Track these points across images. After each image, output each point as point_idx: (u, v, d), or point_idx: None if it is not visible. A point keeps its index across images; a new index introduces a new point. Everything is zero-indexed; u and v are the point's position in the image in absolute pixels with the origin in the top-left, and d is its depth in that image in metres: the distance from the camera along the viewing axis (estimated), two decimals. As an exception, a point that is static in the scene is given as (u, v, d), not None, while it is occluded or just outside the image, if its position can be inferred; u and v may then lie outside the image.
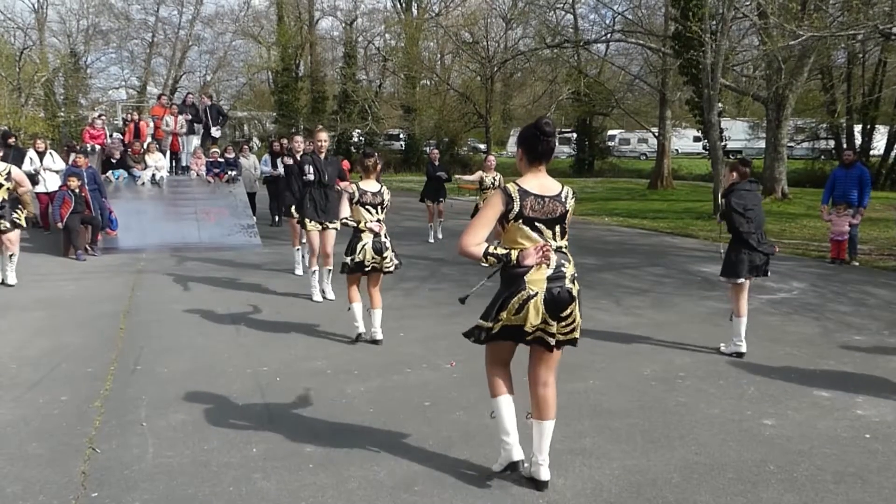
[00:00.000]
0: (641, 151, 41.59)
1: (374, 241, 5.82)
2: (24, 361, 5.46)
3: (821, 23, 13.71)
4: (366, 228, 5.78)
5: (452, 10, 36.38)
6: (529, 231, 3.29)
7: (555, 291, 3.28)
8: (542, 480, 3.42)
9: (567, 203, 3.37)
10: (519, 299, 3.27)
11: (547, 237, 3.32)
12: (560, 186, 3.40)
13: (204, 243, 11.63)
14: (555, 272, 3.30)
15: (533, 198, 3.29)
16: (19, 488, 3.43)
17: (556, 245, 3.33)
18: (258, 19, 38.44)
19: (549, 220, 3.32)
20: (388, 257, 5.91)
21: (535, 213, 3.29)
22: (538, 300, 3.27)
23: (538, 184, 3.34)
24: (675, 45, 18.02)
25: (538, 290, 3.26)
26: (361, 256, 5.78)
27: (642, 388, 4.97)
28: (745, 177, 5.81)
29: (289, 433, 4.10)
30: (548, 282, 3.28)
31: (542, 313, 3.28)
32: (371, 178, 5.91)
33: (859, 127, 27.49)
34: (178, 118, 14.78)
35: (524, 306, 3.27)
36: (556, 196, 3.34)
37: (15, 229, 8.47)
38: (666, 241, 13.26)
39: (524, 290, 3.26)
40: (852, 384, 5.07)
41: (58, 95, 34.16)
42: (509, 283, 3.31)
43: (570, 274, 3.35)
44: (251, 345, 6.02)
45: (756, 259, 5.70)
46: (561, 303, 3.30)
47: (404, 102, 36.62)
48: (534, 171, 3.37)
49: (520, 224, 3.29)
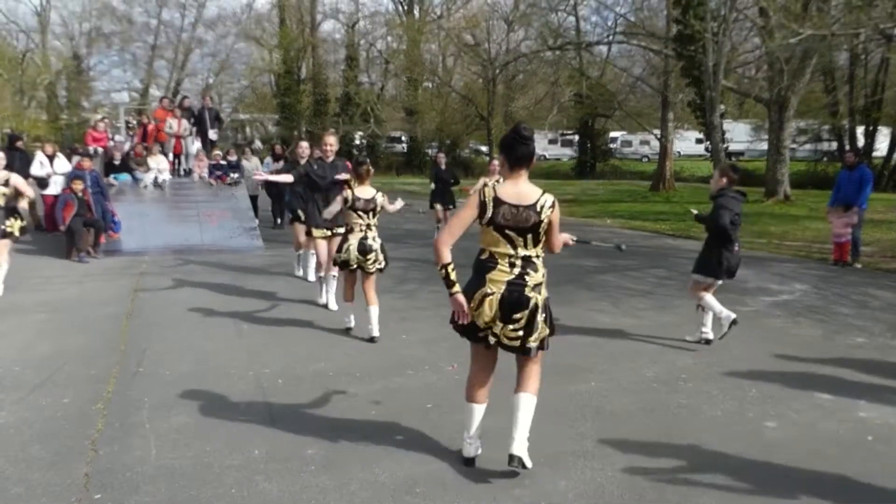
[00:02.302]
0: (643, 153, 41.57)
1: (359, 242, 6.10)
2: (26, 364, 5.46)
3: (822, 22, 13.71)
4: None
5: (454, 13, 36.48)
6: (499, 237, 3.45)
7: (513, 294, 3.43)
8: (512, 454, 3.50)
9: (542, 213, 3.43)
10: (481, 293, 3.45)
11: (517, 244, 3.45)
12: (538, 194, 3.46)
13: (206, 246, 11.65)
14: (516, 278, 3.44)
15: (507, 206, 3.41)
16: (22, 490, 3.44)
17: (524, 253, 3.46)
18: (260, 22, 38.55)
19: (521, 228, 3.43)
20: (373, 258, 6.15)
21: (507, 221, 3.41)
22: (494, 299, 3.44)
23: (515, 192, 3.44)
24: (677, 47, 18.03)
25: (496, 290, 3.44)
26: (346, 255, 6.13)
27: (644, 389, 4.97)
28: (733, 182, 6.01)
29: (291, 435, 4.10)
30: (507, 285, 3.44)
31: (494, 311, 3.44)
32: (365, 184, 6.16)
33: (862, 128, 27.46)
34: (182, 121, 14.82)
35: (482, 302, 3.45)
36: (531, 206, 3.42)
37: (4, 238, 8.06)
38: (668, 242, 13.26)
39: (484, 287, 3.46)
40: (855, 386, 5.06)
41: (60, 98, 34.29)
42: (474, 278, 3.53)
43: (532, 283, 3.47)
44: (253, 347, 6.02)
45: (733, 263, 5.91)
46: (514, 305, 3.43)
47: (406, 105, 36.67)
48: (514, 178, 3.48)
49: (491, 229, 3.45)
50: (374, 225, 6.21)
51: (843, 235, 10.32)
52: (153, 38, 38.96)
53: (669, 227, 15.43)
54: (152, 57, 39.43)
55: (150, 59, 39.47)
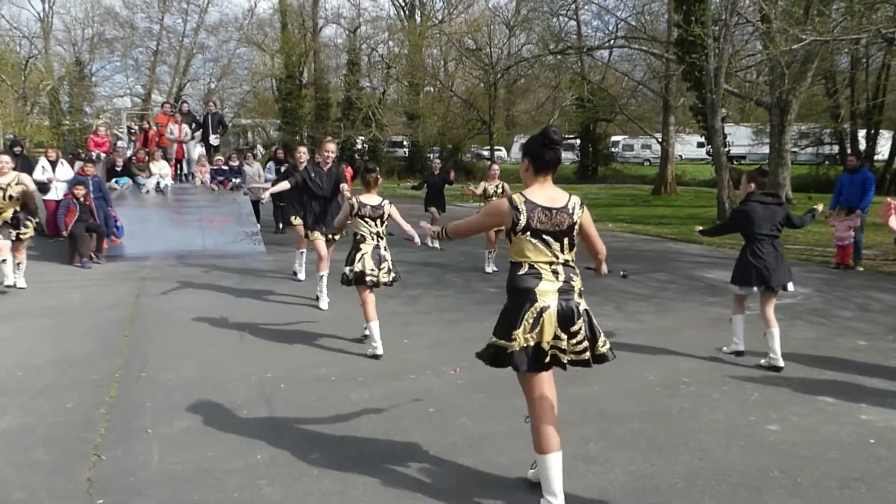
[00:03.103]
0: (645, 157, 41.57)
1: (372, 252, 5.84)
2: (29, 369, 5.47)
3: (823, 27, 13.72)
4: None
5: (456, 17, 36.57)
6: (537, 243, 3.22)
7: (564, 304, 3.20)
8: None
9: (574, 214, 3.27)
10: (533, 312, 3.16)
11: (555, 250, 3.24)
12: (567, 197, 3.31)
13: (208, 250, 11.67)
14: (564, 284, 3.22)
15: (540, 210, 3.21)
16: (25, 495, 3.44)
17: (563, 258, 3.26)
18: (262, 27, 38.63)
19: (557, 232, 3.23)
20: (386, 269, 5.89)
21: (543, 225, 3.21)
22: (551, 312, 3.17)
23: (545, 195, 3.26)
24: (679, 51, 18.06)
25: (550, 302, 3.17)
26: (360, 266, 5.77)
27: (646, 393, 4.97)
28: (762, 186, 5.83)
29: (293, 440, 4.11)
30: (559, 294, 3.20)
31: (555, 326, 3.18)
32: (372, 192, 5.95)
33: (863, 132, 27.46)
34: (183, 126, 14.85)
35: (539, 319, 3.16)
36: (562, 208, 3.25)
37: (21, 239, 8.48)
38: (669, 246, 13.26)
39: (537, 303, 3.17)
40: (857, 389, 5.06)
41: (63, 104, 34.38)
42: (519, 296, 3.21)
43: (577, 287, 3.28)
44: (256, 352, 6.03)
45: (763, 270, 5.56)
46: (570, 315, 3.20)
47: (408, 109, 36.72)
48: (540, 182, 3.29)
49: (527, 236, 3.21)
50: (383, 234, 5.97)
51: (846, 239, 10.32)
52: (155, 43, 39.12)
53: (671, 230, 15.43)
54: (154, 62, 39.58)
55: (152, 64, 39.61)
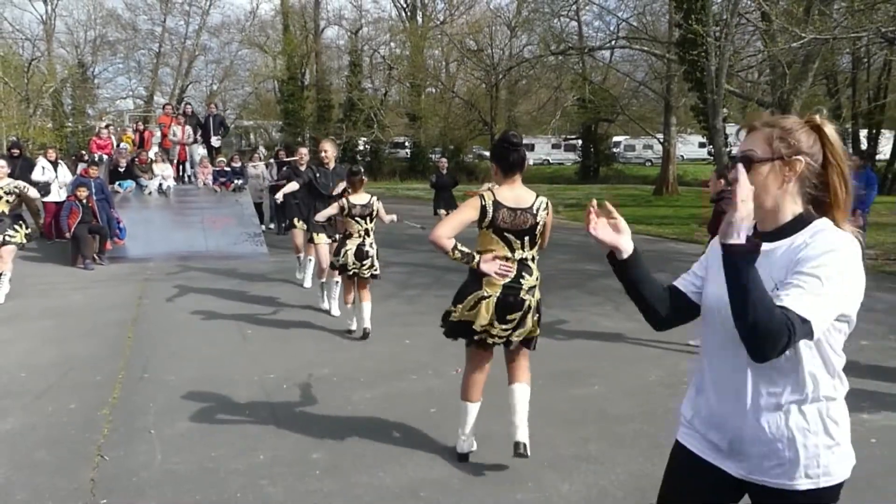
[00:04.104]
0: (646, 157, 41.55)
1: (356, 248, 6.26)
2: (32, 370, 5.50)
3: (824, 26, 13.72)
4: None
5: (457, 19, 36.55)
6: (499, 239, 3.53)
7: (509, 298, 3.54)
8: (517, 441, 3.59)
9: (538, 215, 3.55)
10: (475, 297, 3.55)
11: (515, 247, 3.54)
12: (534, 197, 3.58)
13: (211, 252, 11.69)
14: (512, 281, 3.54)
15: (506, 210, 3.49)
16: (28, 495, 3.46)
17: (521, 255, 3.56)
18: (264, 29, 38.64)
19: (519, 231, 3.52)
20: (368, 264, 6.34)
21: (506, 224, 3.50)
22: (490, 302, 3.54)
23: (513, 196, 3.54)
24: (680, 52, 18.07)
25: (492, 293, 3.54)
26: (344, 259, 6.29)
27: (647, 393, 4.98)
28: None
29: (295, 440, 4.12)
30: (503, 288, 3.54)
31: (491, 315, 3.55)
32: (360, 192, 6.35)
33: (865, 132, 27.43)
34: (186, 128, 14.90)
35: (477, 305, 3.55)
36: (528, 209, 3.54)
37: (7, 245, 8.03)
38: (671, 246, 13.25)
39: (481, 290, 3.55)
40: (858, 389, 5.03)
41: (65, 106, 34.39)
42: (472, 280, 3.61)
43: (528, 286, 3.57)
44: (258, 352, 6.05)
45: None
46: (510, 307, 3.55)
47: (410, 110, 36.71)
48: (509, 183, 3.57)
49: (490, 232, 3.53)
50: (371, 230, 6.39)
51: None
52: (157, 45, 39.09)
53: (673, 230, 15.42)
54: (157, 64, 39.60)
55: (154, 66, 39.63)
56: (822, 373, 1.66)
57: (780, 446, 1.67)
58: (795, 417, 1.66)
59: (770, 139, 1.68)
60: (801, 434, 1.66)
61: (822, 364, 1.66)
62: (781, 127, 1.70)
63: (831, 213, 1.68)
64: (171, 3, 37.97)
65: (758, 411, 1.68)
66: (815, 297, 1.50)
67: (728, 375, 1.73)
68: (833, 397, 1.68)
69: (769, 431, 1.67)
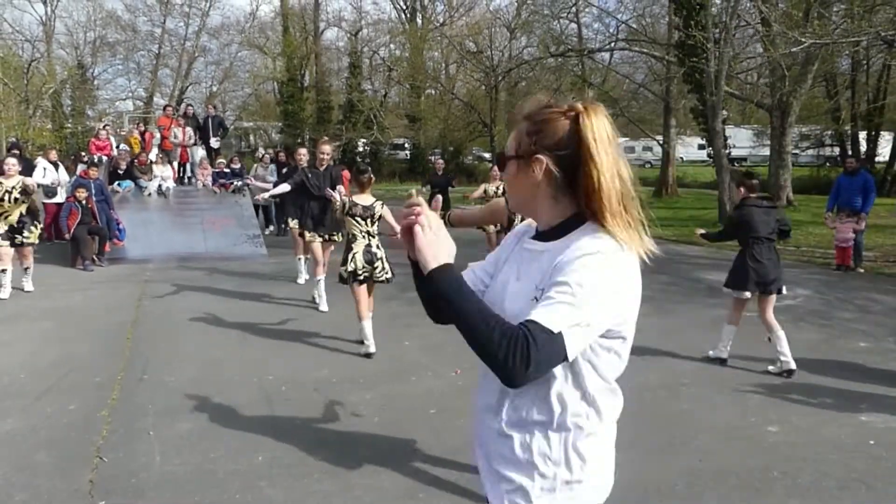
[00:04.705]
0: (646, 159, 41.55)
1: (364, 251, 6.00)
2: (32, 371, 5.50)
3: (823, 30, 13.73)
4: None
5: (457, 20, 36.54)
6: None
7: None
8: None
9: None
10: None
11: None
12: None
13: (210, 253, 11.69)
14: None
15: None
16: (27, 497, 3.46)
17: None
18: (264, 30, 38.63)
19: None
20: (379, 267, 6.07)
21: None
22: None
23: None
24: (679, 54, 18.08)
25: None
26: (353, 265, 5.96)
27: (646, 395, 4.98)
28: (753, 190, 5.77)
29: (294, 441, 4.12)
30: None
31: None
32: (366, 192, 6.16)
33: (864, 133, 27.45)
34: (186, 130, 14.90)
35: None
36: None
37: (25, 246, 8.47)
38: (671, 248, 13.26)
39: None
40: (857, 391, 5.07)
41: (65, 107, 34.36)
42: None
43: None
44: (257, 354, 6.05)
45: (762, 275, 5.51)
46: None
47: (409, 112, 36.71)
48: None
49: None
50: (374, 233, 6.17)
51: (848, 240, 10.31)
52: (157, 46, 39.07)
53: (672, 232, 15.43)
54: (156, 65, 39.57)
55: (154, 67, 39.61)
56: (573, 398, 1.48)
57: (517, 470, 1.51)
58: (539, 441, 1.50)
59: (520, 135, 1.53)
60: (541, 460, 1.50)
61: (575, 387, 1.47)
62: (533, 120, 1.51)
63: (600, 215, 1.46)
64: (171, 5, 37.98)
65: (508, 426, 1.52)
66: (566, 306, 1.34)
67: (490, 380, 1.52)
68: (582, 428, 1.51)
69: (515, 452, 1.51)
